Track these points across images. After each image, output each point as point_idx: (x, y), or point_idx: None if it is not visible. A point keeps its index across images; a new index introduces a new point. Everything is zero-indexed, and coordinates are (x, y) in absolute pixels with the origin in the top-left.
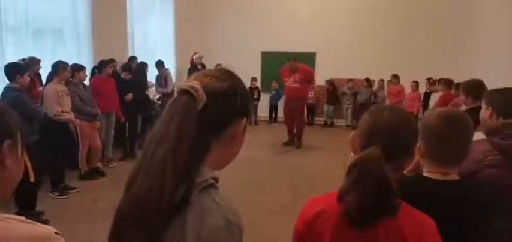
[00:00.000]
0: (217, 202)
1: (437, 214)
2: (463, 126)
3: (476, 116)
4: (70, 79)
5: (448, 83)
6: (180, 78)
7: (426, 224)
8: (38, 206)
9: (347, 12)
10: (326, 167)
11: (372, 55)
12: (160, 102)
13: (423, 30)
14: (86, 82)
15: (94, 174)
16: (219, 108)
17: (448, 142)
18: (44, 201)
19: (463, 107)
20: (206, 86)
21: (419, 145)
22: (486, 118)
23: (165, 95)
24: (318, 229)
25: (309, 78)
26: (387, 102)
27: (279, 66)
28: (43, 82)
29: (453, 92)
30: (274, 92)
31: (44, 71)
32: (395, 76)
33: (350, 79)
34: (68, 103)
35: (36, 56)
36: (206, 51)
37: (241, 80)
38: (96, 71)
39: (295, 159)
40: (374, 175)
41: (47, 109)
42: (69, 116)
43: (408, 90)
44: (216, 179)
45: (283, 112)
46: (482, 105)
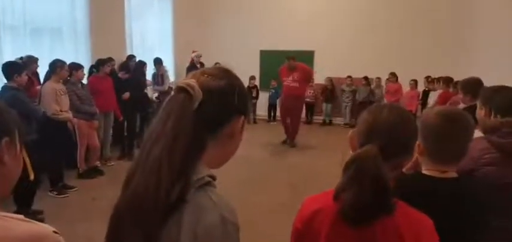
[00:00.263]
0: (213, 200)
1: (435, 212)
2: (462, 124)
3: (474, 114)
4: (68, 78)
5: (448, 81)
6: (179, 77)
7: (423, 223)
8: (37, 205)
9: (345, 11)
10: (325, 165)
11: (371, 54)
12: (158, 101)
13: (422, 28)
14: (84, 81)
15: (92, 173)
16: (216, 106)
17: (447, 140)
18: (43, 200)
19: (461, 105)
20: (203, 84)
21: (418, 143)
22: (483, 116)
23: (162, 93)
24: (316, 227)
25: (308, 77)
26: (385, 100)
27: (278, 65)
28: (41, 81)
29: (452, 90)
30: (273, 91)
31: (42, 70)
32: (393, 74)
33: (349, 76)
34: (66, 102)
35: (34, 55)
36: (204, 49)
37: (239, 78)
38: (93, 70)
39: (293, 158)
40: (370, 173)
41: (45, 108)
42: (67, 115)
43: (407, 89)
44: (213, 177)
45: (279, 110)
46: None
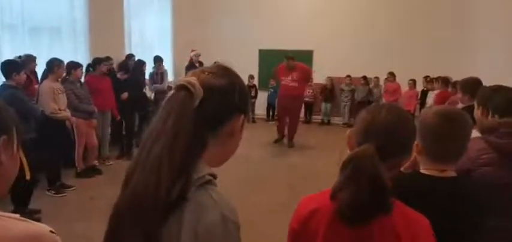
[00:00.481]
0: (214, 199)
1: (433, 211)
2: (461, 124)
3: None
4: (67, 77)
5: (445, 81)
6: (178, 76)
7: (420, 222)
8: (34, 204)
9: (344, 10)
10: (324, 165)
11: (370, 53)
12: (154, 99)
13: (421, 28)
14: (82, 79)
15: (91, 172)
16: (217, 104)
17: (445, 139)
18: (41, 199)
19: (460, 105)
20: (203, 82)
21: (416, 142)
22: (480, 116)
23: (160, 92)
24: (313, 227)
25: (307, 77)
26: (383, 100)
27: (277, 64)
28: (39, 80)
29: (450, 90)
30: (272, 90)
31: (41, 69)
32: (391, 74)
33: (348, 75)
34: (64, 100)
35: (32, 54)
36: (203, 48)
37: (239, 76)
38: (90, 69)
39: (293, 157)
40: (368, 172)
41: (43, 106)
42: (66, 114)
43: (405, 88)
44: (214, 175)
45: (276, 109)
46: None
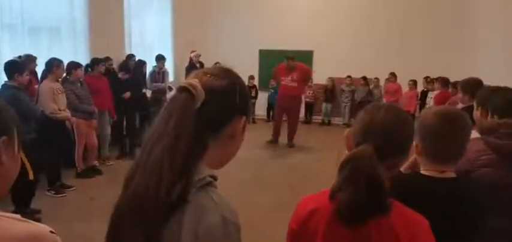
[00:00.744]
0: (215, 201)
1: (433, 212)
2: (460, 124)
3: (472, 114)
4: (67, 77)
5: (444, 82)
6: (178, 76)
7: (419, 223)
8: (35, 204)
9: (345, 10)
10: (324, 165)
11: (370, 54)
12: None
13: (422, 29)
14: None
15: (91, 172)
16: (218, 106)
17: (445, 139)
18: (41, 199)
19: (460, 105)
20: (205, 84)
21: (416, 143)
22: (479, 117)
23: (160, 91)
24: (312, 228)
25: (307, 77)
26: (384, 100)
27: (276, 65)
28: (39, 80)
29: (451, 91)
30: (272, 91)
31: (40, 69)
32: (392, 74)
33: (348, 75)
34: (64, 101)
35: (32, 54)
36: (204, 48)
37: (240, 78)
38: (88, 69)
39: (293, 158)
40: (365, 172)
41: (43, 107)
42: (65, 114)
43: (406, 89)
44: (215, 177)
45: (275, 110)
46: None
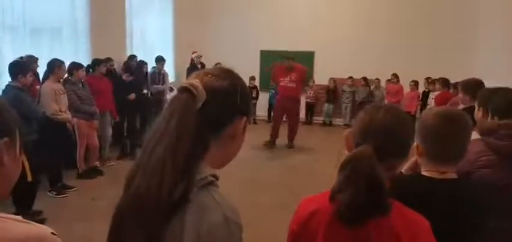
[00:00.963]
0: (216, 200)
1: (434, 213)
2: (461, 124)
3: (472, 115)
4: (69, 78)
5: (445, 82)
6: (179, 77)
7: (420, 223)
8: (36, 205)
9: (346, 11)
10: (325, 166)
11: (371, 55)
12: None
13: (423, 30)
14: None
15: (92, 173)
16: (219, 106)
17: (446, 140)
18: (42, 200)
19: (461, 106)
20: (206, 84)
21: (417, 144)
22: (481, 118)
23: (159, 93)
24: (313, 228)
25: (305, 77)
26: (385, 101)
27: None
28: (41, 81)
29: (452, 91)
30: (273, 91)
31: (42, 70)
32: (394, 75)
33: (350, 76)
34: (65, 101)
35: (33, 55)
36: (205, 49)
37: (241, 79)
38: (89, 70)
39: (293, 158)
40: (365, 173)
41: (45, 107)
42: (66, 116)
43: (407, 90)
44: (216, 177)
45: (274, 111)
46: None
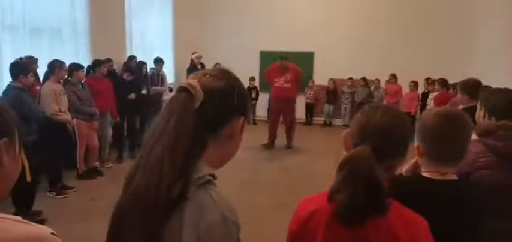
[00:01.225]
0: (214, 199)
1: (434, 214)
2: (461, 124)
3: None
4: (69, 78)
5: (443, 83)
6: (179, 77)
7: (419, 223)
8: (36, 205)
9: (345, 12)
10: (324, 166)
11: (371, 55)
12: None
13: (423, 30)
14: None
15: (92, 174)
16: (216, 106)
17: (446, 140)
18: (42, 200)
19: (460, 106)
20: (204, 84)
21: (417, 145)
22: (482, 118)
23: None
24: (312, 229)
25: (300, 77)
26: (384, 102)
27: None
28: (41, 81)
29: (451, 92)
30: None
31: (41, 70)
32: (393, 75)
33: (350, 77)
34: (65, 102)
35: (33, 55)
36: (205, 50)
37: (239, 80)
38: (90, 71)
39: (293, 159)
40: (363, 173)
41: (44, 108)
42: (66, 117)
43: (407, 90)
44: (214, 176)
45: (270, 112)
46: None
